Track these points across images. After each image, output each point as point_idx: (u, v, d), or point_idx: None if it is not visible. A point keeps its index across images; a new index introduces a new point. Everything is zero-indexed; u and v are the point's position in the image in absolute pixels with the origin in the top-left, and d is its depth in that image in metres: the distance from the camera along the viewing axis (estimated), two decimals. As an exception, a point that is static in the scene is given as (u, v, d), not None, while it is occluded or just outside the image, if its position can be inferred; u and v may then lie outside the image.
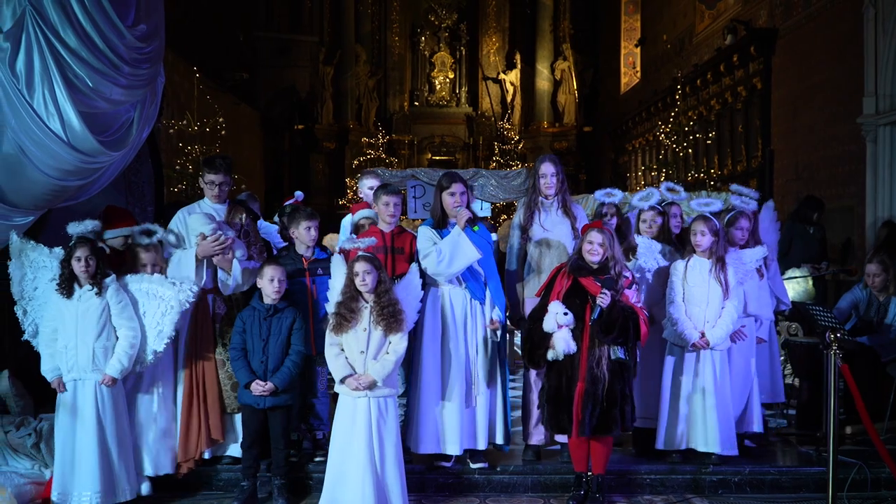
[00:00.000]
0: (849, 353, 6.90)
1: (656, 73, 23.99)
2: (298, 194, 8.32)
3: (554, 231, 7.05)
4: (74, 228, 6.30)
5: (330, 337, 6.15)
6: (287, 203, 8.24)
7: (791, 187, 15.12)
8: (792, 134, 15.64)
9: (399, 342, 6.10)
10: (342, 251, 6.42)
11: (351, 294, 6.10)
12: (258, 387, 6.28)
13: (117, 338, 6.28)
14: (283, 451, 6.49)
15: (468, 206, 6.74)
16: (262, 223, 7.78)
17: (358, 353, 6.05)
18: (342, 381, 6.06)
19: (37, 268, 6.42)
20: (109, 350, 6.24)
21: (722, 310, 6.90)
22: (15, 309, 6.46)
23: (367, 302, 6.08)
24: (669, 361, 7.03)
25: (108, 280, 6.27)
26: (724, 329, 6.89)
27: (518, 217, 7.22)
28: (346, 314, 6.07)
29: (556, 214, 7.10)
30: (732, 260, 7.05)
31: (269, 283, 6.36)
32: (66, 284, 6.19)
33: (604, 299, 6.09)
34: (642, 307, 6.38)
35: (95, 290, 6.19)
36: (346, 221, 8.09)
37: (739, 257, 7.15)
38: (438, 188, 6.84)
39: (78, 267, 6.16)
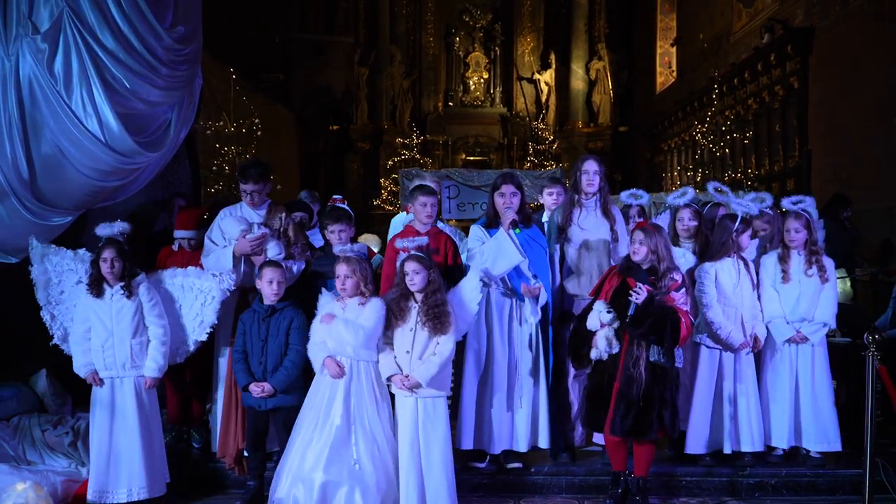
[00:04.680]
0: (887, 355, 6.83)
1: (693, 72, 23.83)
2: (337, 198, 8.32)
3: (592, 231, 6.94)
4: (103, 230, 6.31)
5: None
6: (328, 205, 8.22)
7: (829, 188, 14.94)
8: (829, 134, 15.52)
9: (445, 343, 5.99)
10: (403, 250, 6.35)
11: (401, 292, 6.08)
12: (256, 388, 6.23)
13: None
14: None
15: (521, 207, 6.73)
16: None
17: (404, 353, 6.01)
18: (388, 379, 6.06)
19: (61, 271, 6.43)
20: (145, 345, 6.30)
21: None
22: (41, 314, 6.42)
23: (415, 302, 6.05)
24: (704, 363, 6.91)
25: (137, 279, 6.31)
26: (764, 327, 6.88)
27: (555, 218, 7.12)
28: (396, 311, 6.06)
29: (594, 214, 7.00)
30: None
31: (268, 285, 6.30)
32: (96, 285, 6.22)
33: (638, 296, 5.98)
34: (688, 311, 6.26)
35: (125, 291, 6.24)
36: (396, 220, 8.08)
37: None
38: (492, 188, 6.83)
39: (104, 268, 6.18)
